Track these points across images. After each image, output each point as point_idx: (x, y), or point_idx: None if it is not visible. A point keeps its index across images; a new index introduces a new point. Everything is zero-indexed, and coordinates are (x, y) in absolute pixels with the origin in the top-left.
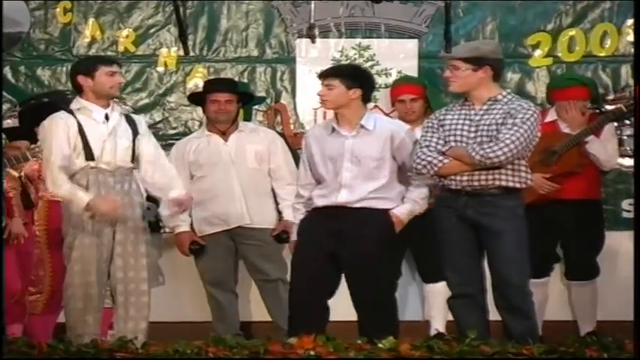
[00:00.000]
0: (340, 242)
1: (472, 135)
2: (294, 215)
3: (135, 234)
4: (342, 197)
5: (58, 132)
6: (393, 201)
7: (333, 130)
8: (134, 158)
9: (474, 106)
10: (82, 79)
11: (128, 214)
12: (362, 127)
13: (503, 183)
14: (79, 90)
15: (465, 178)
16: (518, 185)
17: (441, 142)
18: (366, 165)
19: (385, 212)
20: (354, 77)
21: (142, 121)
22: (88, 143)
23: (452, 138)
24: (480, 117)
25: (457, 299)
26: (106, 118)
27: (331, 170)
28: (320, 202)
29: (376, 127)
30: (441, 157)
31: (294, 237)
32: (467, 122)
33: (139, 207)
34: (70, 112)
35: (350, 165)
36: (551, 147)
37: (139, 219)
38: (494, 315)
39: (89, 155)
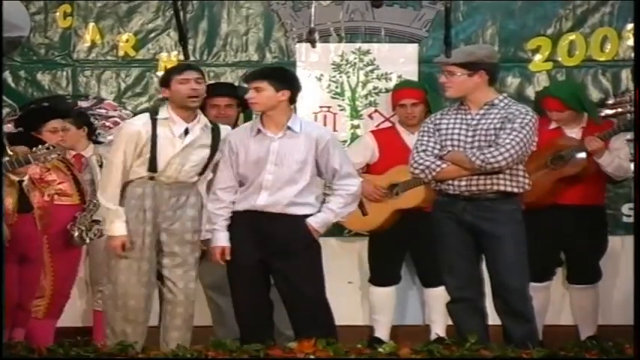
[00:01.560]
0: (266, 251)
1: (469, 140)
2: (214, 221)
3: (181, 246)
4: (262, 200)
5: (127, 143)
6: (312, 206)
7: (259, 131)
8: (203, 172)
9: (470, 111)
10: (163, 90)
11: (176, 227)
12: (289, 128)
13: (502, 188)
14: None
15: (464, 182)
16: (516, 190)
17: (438, 146)
18: (289, 167)
19: (305, 219)
20: (282, 79)
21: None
22: (155, 156)
23: (449, 142)
24: (477, 121)
25: (456, 304)
26: (186, 132)
27: (254, 172)
28: (240, 206)
29: (302, 130)
30: (438, 162)
31: (219, 242)
32: (464, 127)
33: (189, 221)
34: (154, 119)
35: (273, 167)
36: (559, 151)
37: (189, 232)
38: (493, 319)
39: (152, 168)
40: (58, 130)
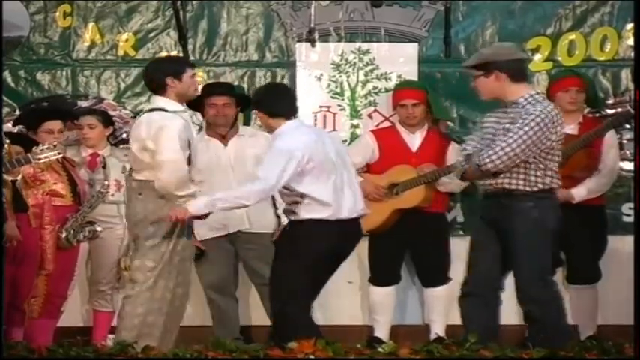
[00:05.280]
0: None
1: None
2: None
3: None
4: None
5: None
6: None
7: None
8: None
9: (505, 109)
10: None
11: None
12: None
13: (513, 187)
14: None
15: (487, 181)
16: (528, 189)
17: (477, 144)
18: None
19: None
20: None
21: None
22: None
23: (482, 141)
24: (501, 120)
25: (467, 298)
26: None
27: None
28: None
29: None
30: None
31: None
32: (493, 126)
33: None
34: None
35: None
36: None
37: None
38: (506, 319)
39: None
40: (54, 132)
